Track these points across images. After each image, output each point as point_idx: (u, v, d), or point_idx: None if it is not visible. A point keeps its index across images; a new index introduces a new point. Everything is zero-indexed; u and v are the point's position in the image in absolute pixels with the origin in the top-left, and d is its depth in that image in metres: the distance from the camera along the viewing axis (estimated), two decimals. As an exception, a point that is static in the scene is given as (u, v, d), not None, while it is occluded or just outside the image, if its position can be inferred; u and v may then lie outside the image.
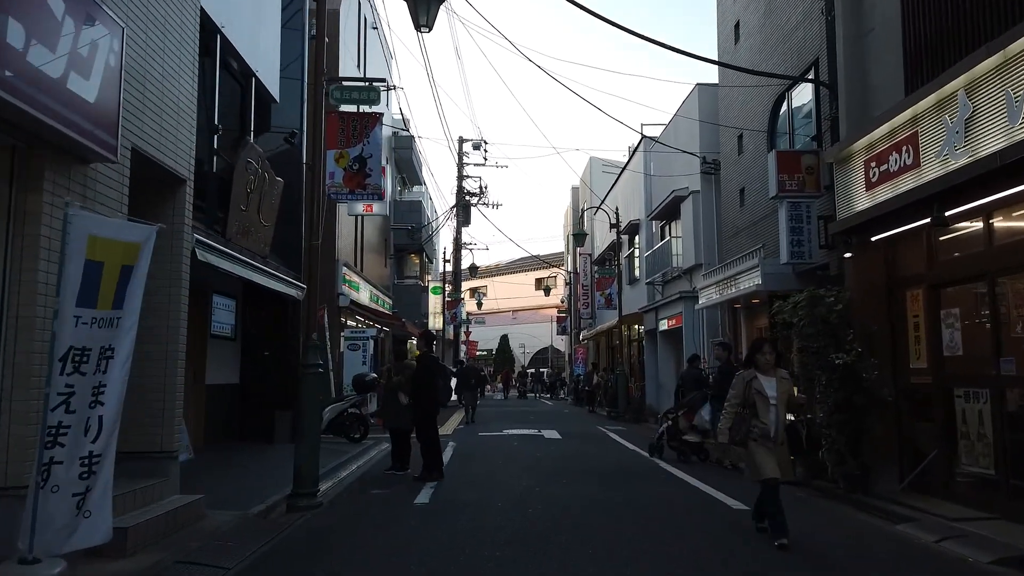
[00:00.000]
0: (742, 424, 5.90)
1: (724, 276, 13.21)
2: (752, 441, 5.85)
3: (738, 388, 6.04)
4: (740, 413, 5.95)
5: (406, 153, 28.34)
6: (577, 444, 13.54)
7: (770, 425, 5.84)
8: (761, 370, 6.03)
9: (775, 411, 5.85)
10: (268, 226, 11.02)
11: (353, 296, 19.53)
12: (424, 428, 9.20)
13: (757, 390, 5.92)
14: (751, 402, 5.94)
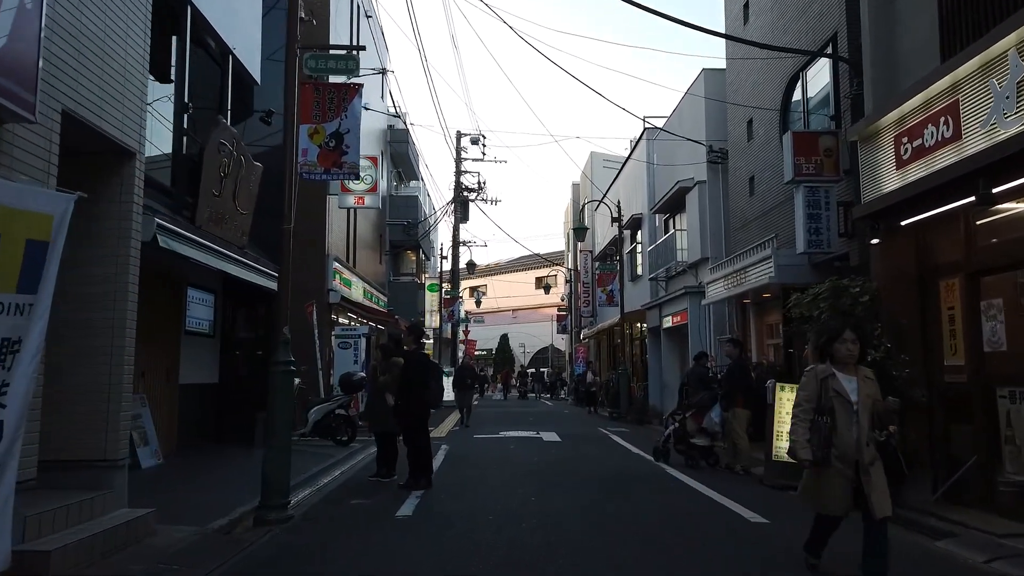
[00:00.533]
0: (822, 435, 4.42)
1: (733, 269, 12.46)
2: (833, 459, 4.44)
3: (810, 388, 4.58)
4: (817, 422, 4.47)
5: (402, 147, 27.61)
6: (577, 447, 12.80)
7: (850, 440, 4.39)
8: (840, 364, 4.55)
9: (858, 421, 4.43)
10: (246, 215, 10.28)
11: (344, 292, 18.78)
12: (413, 432, 8.45)
13: (836, 391, 4.47)
14: (827, 408, 4.47)
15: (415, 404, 8.36)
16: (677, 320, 16.79)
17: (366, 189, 17.69)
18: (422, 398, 8.41)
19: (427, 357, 8.71)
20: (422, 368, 8.50)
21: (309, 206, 17.98)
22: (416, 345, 8.66)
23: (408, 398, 8.38)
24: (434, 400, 8.61)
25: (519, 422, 18.56)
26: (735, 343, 10.36)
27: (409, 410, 8.36)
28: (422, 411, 8.47)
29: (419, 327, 9.09)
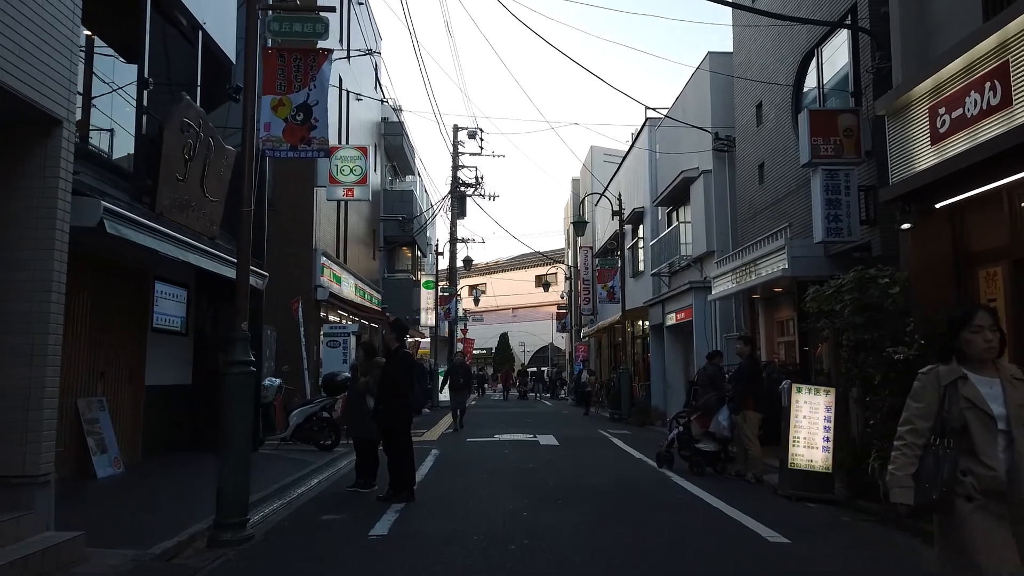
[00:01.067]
0: (940, 468, 3.00)
1: (742, 262, 11.68)
2: (963, 501, 2.97)
3: (927, 397, 3.14)
4: (935, 448, 3.05)
5: (396, 140, 26.84)
6: (576, 453, 12.01)
7: (997, 469, 2.96)
8: (976, 363, 3.11)
9: (1008, 443, 2.99)
10: (216, 202, 9.50)
11: (334, 289, 18.01)
12: (394, 439, 7.67)
13: (970, 401, 3.03)
14: (957, 424, 3.03)
15: (397, 407, 7.59)
16: (681, 317, 16.01)
17: (355, 180, 16.91)
18: (405, 401, 7.64)
19: (411, 356, 7.92)
20: (405, 368, 7.71)
21: (295, 198, 17.24)
22: (399, 343, 7.87)
23: (389, 401, 7.61)
24: (418, 403, 7.82)
25: (516, 424, 17.78)
26: (746, 340, 9.58)
27: (390, 414, 7.58)
28: (404, 415, 7.69)
29: (402, 323, 8.29)
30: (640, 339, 23.05)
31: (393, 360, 7.77)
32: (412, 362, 7.87)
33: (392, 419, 7.59)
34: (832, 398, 8.28)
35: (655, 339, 19.26)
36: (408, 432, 7.74)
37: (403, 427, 7.68)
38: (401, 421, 7.63)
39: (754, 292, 12.57)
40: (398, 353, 7.83)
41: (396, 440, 7.65)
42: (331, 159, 16.92)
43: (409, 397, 7.71)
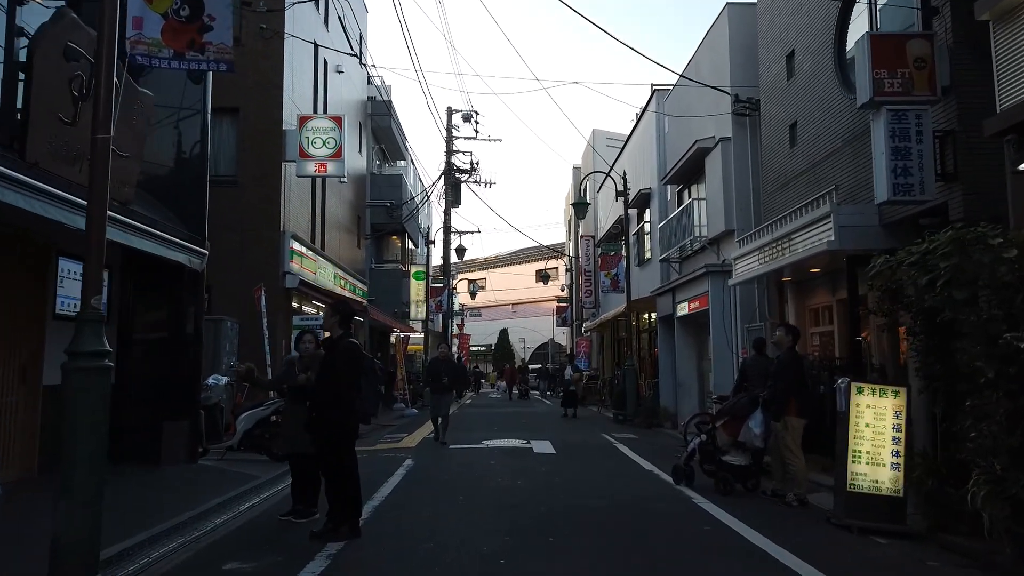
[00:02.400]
0: None
1: (771, 238, 9.84)
2: None
3: None
4: None
5: (384, 121, 24.99)
6: (575, 463, 10.18)
7: None
8: None
9: None
10: (129, 158, 7.67)
11: (307, 277, 16.18)
12: (333, 456, 5.86)
13: None
14: None
15: (337, 414, 5.77)
16: (695, 306, 14.17)
17: (329, 154, 15.08)
18: (348, 406, 5.81)
19: (357, 348, 6.07)
20: (349, 363, 5.87)
21: (260, 174, 15.40)
22: (343, 330, 6.03)
23: (327, 405, 5.79)
24: (366, 409, 5.96)
25: (509, 426, 15.95)
26: (788, 329, 7.73)
27: (328, 422, 5.77)
28: (347, 425, 5.87)
29: (348, 306, 6.43)
30: (647, 333, 21.21)
31: (334, 353, 5.95)
32: (358, 355, 6.02)
33: (330, 430, 5.77)
34: (903, 400, 6.45)
35: (664, 332, 17.42)
36: (351, 447, 5.92)
37: (345, 440, 5.86)
38: (342, 432, 5.81)
39: (783, 275, 10.74)
40: (341, 344, 6.00)
41: (336, 457, 5.83)
42: (301, 130, 15.12)
43: (354, 400, 5.89)
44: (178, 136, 9.77)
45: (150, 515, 5.98)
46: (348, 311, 6.24)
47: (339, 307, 6.24)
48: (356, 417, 5.99)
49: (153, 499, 6.99)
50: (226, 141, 15.20)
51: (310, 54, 17.43)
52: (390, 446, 12.23)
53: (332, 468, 5.84)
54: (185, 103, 9.67)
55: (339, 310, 6.19)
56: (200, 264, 9.51)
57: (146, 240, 7.94)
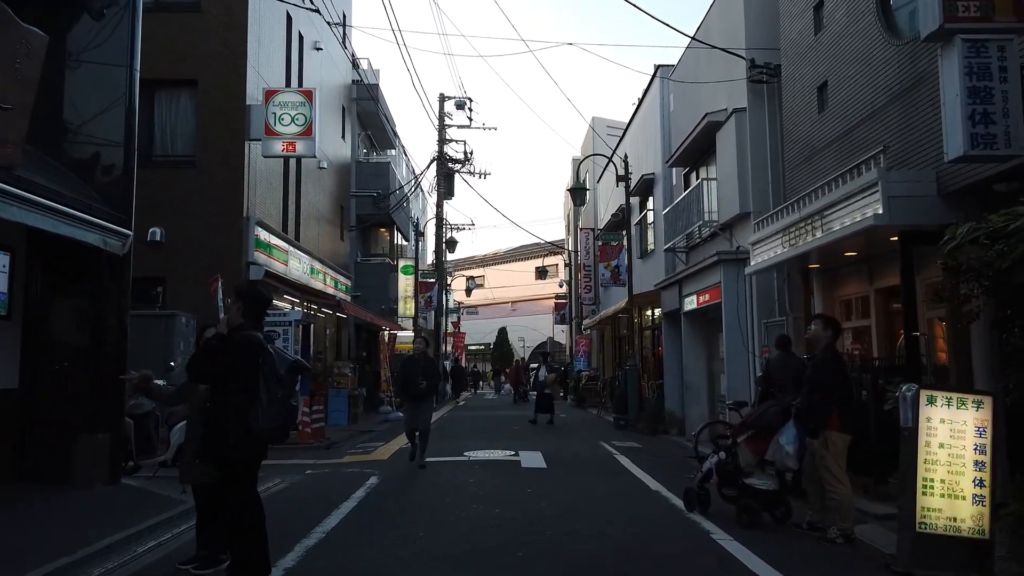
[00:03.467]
0: None
1: (798, 217, 8.35)
2: None
3: None
4: None
5: (370, 105, 23.47)
6: (568, 482, 8.68)
7: None
8: None
9: None
10: (12, 110, 6.18)
11: (277, 268, 14.72)
12: (230, 486, 4.38)
13: None
14: None
15: (234, 432, 4.28)
16: (704, 300, 12.67)
17: (298, 132, 13.61)
18: (242, 422, 4.30)
19: (255, 340, 4.52)
20: (244, 359, 4.37)
21: (222, 154, 13.86)
22: (247, 320, 4.54)
23: (219, 419, 4.32)
24: (266, 424, 4.41)
25: (499, 434, 14.46)
26: (826, 322, 6.22)
27: (220, 440, 4.29)
28: (242, 447, 4.36)
29: (257, 292, 4.90)
30: (650, 330, 19.72)
31: (228, 347, 4.47)
32: (256, 348, 4.48)
33: (223, 450, 4.29)
34: (987, 413, 4.97)
35: (669, 329, 15.93)
36: (250, 479, 4.44)
37: (240, 470, 4.38)
38: (236, 454, 4.33)
39: (809, 261, 9.25)
40: (236, 337, 4.50)
41: (232, 487, 4.36)
42: (267, 105, 13.64)
43: (251, 410, 4.35)
44: (100, 100, 8.26)
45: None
46: (258, 299, 4.73)
47: (245, 292, 4.74)
48: (257, 437, 4.44)
49: (21, 537, 5.50)
50: (183, 117, 13.74)
51: (281, 24, 15.95)
52: (358, 458, 10.76)
53: (231, 498, 4.37)
54: (106, 58, 8.16)
55: (244, 295, 4.69)
56: (121, 247, 8.02)
57: (38, 214, 6.46)
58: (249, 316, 4.56)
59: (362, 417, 18.28)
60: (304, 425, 12.23)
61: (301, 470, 9.74)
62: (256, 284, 4.92)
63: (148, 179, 13.39)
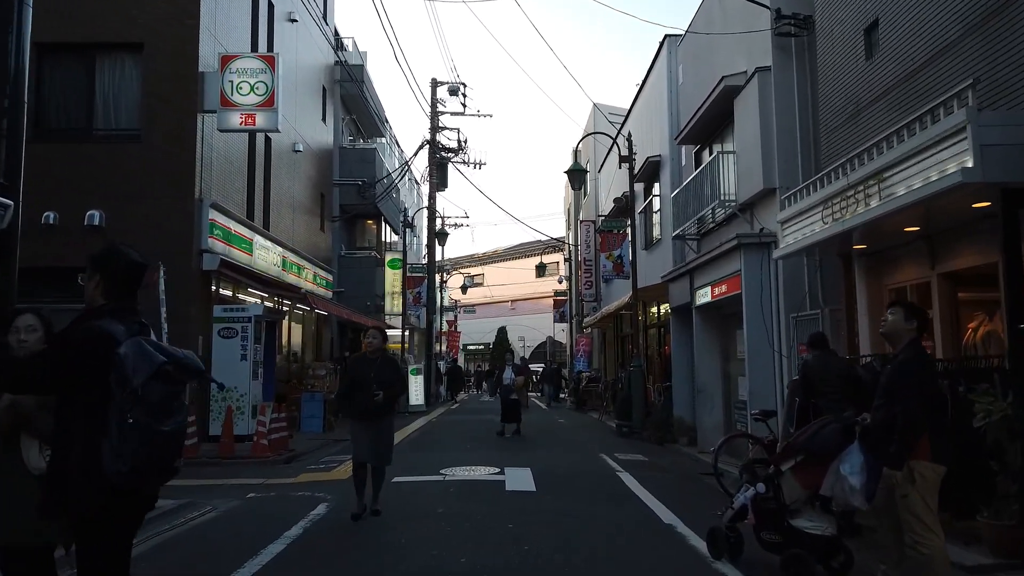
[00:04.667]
0: None
1: (847, 183, 6.72)
2: None
3: None
4: None
5: (355, 88, 21.88)
6: (561, 511, 7.05)
7: None
8: None
9: None
10: None
11: (239, 259, 13.13)
12: (81, 549, 2.75)
13: None
14: None
15: (73, 476, 2.65)
16: (721, 291, 11.04)
17: (259, 102, 12.01)
18: (83, 461, 2.66)
19: (100, 335, 2.86)
20: (83, 367, 2.73)
21: (170, 123, 12.03)
22: (110, 301, 2.85)
23: (59, 453, 2.71)
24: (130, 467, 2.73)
25: (487, 444, 12.85)
26: (911, 311, 4.54)
27: (60, 489, 2.67)
28: (90, 497, 2.69)
29: (118, 256, 3.13)
30: (656, 328, 18.09)
31: (62, 345, 2.83)
32: (97, 345, 2.80)
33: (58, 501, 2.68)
34: None
35: (678, 326, 14.31)
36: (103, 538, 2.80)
37: (84, 525, 2.74)
38: (78, 507, 2.69)
39: (851, 241, 7.63)
40: (73, 330, 2.85)
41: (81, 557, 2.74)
42: (223, 72, 12.04)
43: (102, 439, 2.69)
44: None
45: None
46: (125, 268, 3.02)
47: (102, 259, 3.01)
48: (95, 484, 2.79)
49: None
50: (127, 85, 12.15)
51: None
52: (315, 477, 9.14)
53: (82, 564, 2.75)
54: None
55: (102, 263, 2.99)
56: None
57: None
58: (113, 294, 2.90)
59: (340, 424, 16.68)
60: (259, 436, 10.62)
61: (244, 492, 8.16)
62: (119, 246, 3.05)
63: (88, 155, 11.85)
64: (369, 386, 6.67)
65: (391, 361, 7.41)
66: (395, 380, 7.00)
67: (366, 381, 6.72)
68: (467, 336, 55.60)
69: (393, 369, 7.15)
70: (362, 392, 6.68)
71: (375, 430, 6.74)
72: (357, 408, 6.78)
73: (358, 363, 7.09)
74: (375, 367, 6.84)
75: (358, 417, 6.81)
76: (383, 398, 6.67)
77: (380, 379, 6.73)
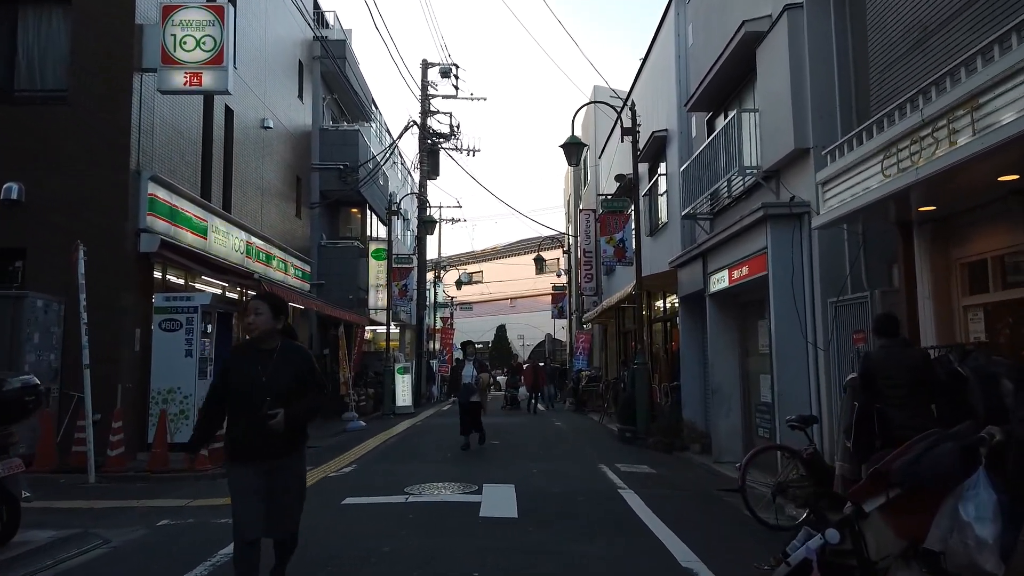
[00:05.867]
0: None
1: (925, 118, 5.10)
2: None
3: None
4: None
5: (337, 65, 20.25)
6: (545, 546, 5.44)
7: None
8: None
9: None
10: None
11: (190, 242, 11.54)
12: None
13: None
14: None
15: None
16: (741, 275, 9.41)
17: (205, 60, 10.41)
18: None
19: None
20: None
21: (102, 84, 10.21)
22: None
23: None
24: None
25: (467, 453, 11.23)
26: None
27: None
28: None
29: None
30: (661, 322, 16.47)
31: None
32: None
33: None
34: None
35: (688, 317, 12.70)
36: None
37: None
38: None
39: (909, 203, 6.01)
40: None
41: None
42: (164, 25, 10.44)
43: None
44: None
45: None
46: None
47: None
48: None
49: None
50: (52, 41, 10.57)
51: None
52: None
53: None
54: None
55: None
56: None
57: None
58: None
59: (313, 426, 15.11)
60: (198, 445, 9.00)
61: (158, 517, 6.61)
62: None
63: (7, 120, 10.18)
64: (257, 398, 3.75)
65: (296, 352, 4.03)
66: (304, 385, 3.93)
67: (251, 389, 3.80)
68: (466, 335, 53.97)
69: (299, 366, 3.95)
70: (245, 410, 3.79)
71: (272, 480, 3.84)
72: (237, 440, 3.84)
73: (238, 360, 3.99)
74: (270, 365, 3.86)
75: (240, 456, 3.84)
76: (284, 421, 3.72)
77: (276, 385, 3.81)
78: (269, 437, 3.76)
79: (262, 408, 3.72)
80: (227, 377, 3.92)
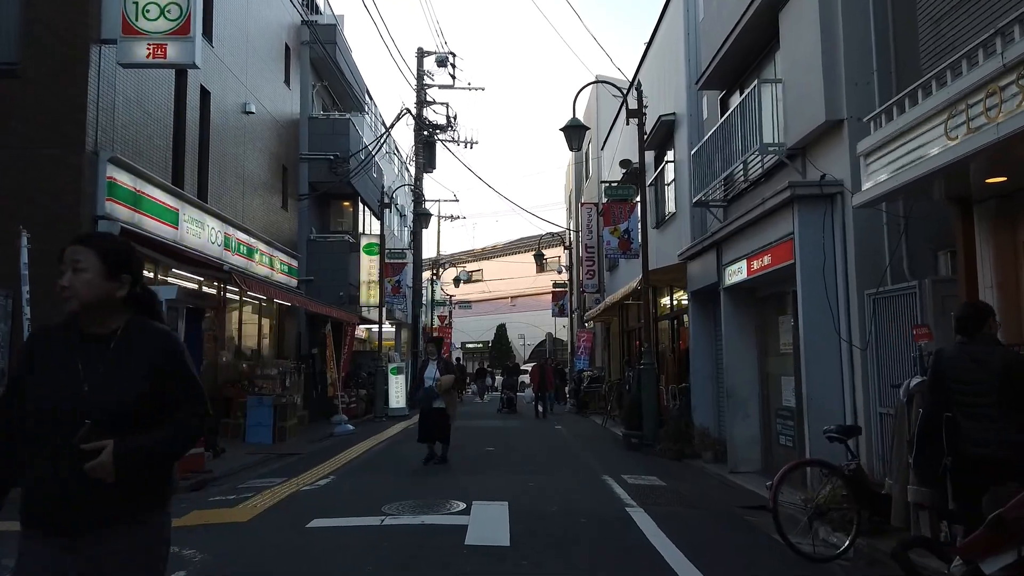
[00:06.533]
0: None
1: (1009, 63, 4.14)
2: None
3: None
4: None
5: (327, 51, 19.29)
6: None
7: None
8: None
9: None
10: None
11: (156, 231, 10.59)
12: None
13: None
14: None
15: None
16: (763, 265, 8.45)
17: (170, 29, 9.45)
18: None
19: None
20: None
21: (56, 56, 9.32)
22: None
23: None
24: None
25: (460, 463, 10.25)
26: None
27: None
28: None
29: None
30: (668, 320, 15.52)
31: None
32: None
33: None
34: None
35: (698, 314, 11.74)
36: None
37: None
38: None
39: (969, 180, 5.06)
40: None
41: None
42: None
43: None
44: None
45: None
46: None
47: None
48: None
49: None
50: (4, 9, 9.60)
51: None
52: (205, 517, 6.50)
53: None
54: None
55: None
56: None
57: None
58: None
59: (298, 431, 14.16)
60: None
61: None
62: None
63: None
64: (69, 422, 2.02)
65: (154, 338, 2.19)
66: (160, 398, 2.14)
67: (60, 404, 2.05)
68: (466, 334, 53.13)
69: (155, 364, 2.14)
70: (48, 442, 2.03)
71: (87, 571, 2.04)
72: (29, 495, 2.06)
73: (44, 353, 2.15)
74: (100, 363, 2.10)
75: (32, 523, 2.05)
76: (112, 462, 1.98)
77: (105, 399, 2.06)
78: (80, 490, 2.00)
79: (74, 439, 1.98)
80: (22, 384, 2.14)
